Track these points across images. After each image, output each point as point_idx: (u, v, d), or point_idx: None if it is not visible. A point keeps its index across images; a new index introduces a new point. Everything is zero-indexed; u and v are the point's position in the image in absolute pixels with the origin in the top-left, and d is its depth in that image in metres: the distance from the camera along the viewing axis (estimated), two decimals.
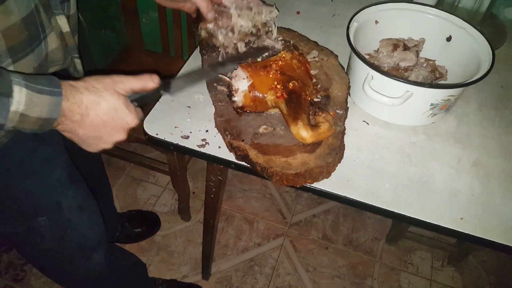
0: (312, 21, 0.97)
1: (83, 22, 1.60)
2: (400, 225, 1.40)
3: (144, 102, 0.60)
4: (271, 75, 0.68)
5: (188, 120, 0.73)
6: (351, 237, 1.48)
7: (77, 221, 0.80)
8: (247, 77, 0.69)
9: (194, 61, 0.85)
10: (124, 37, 1.56)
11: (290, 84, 0.67)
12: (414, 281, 1.39)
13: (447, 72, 0.80)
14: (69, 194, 0.76)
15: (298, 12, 0.99)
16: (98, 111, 0.52)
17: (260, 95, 0.67)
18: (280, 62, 0.71)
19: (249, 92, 0.67)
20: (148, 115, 0.74)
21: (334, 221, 1.52)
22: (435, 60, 0.82)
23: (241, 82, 0.68)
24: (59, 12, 0.63)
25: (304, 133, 0.61)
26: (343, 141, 0.67)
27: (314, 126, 0.63)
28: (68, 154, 0.76)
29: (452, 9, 0.91)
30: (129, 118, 0.55)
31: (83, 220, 0.82)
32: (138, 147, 1.64)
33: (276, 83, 0.67)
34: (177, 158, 1.18)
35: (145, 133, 0.71)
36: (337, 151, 0.63)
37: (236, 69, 0.69)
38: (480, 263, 1.44)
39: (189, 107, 0.75)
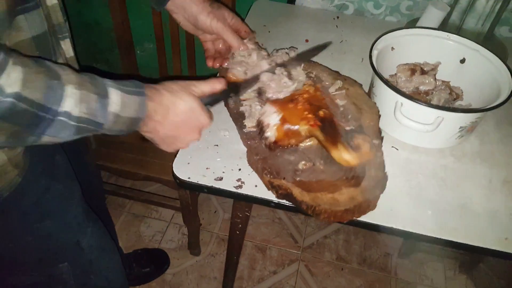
0: None
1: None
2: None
3: (214, 104, 0.64)
4: (300, 106, 0.68)
5: (218, 160, 0.71)
6: (364, 255, 1.48)
7: (99, 263, 0.77)
8: (276, 111, 0.68)
9: None
10: (119, 70, 1.52)
11: (321, 112, 0.67)
12: None
13: (462, 92, 0.83)
14: (87, 232, 0.73)
15: (306, 40, 1.00)
16: (177, 111, 0.55)
17: (293, 126, 0.66)
18: (305, 95, 0.71)
19: (282, 125, 0.66)
20: (175, 158, 0.71)
21: (346, 240, 1.52)
22: (449, 81, 0.84)
23: (271, 117, 0.68)
24: (64, 37, 0.63)
25: (347, 156, 0.61)
26: (385, 171, 0.67)
27: (355, 148, 0.62)
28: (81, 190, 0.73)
29: (457, 30, 0.95)
30: (203, 118, 0.58)
31: (105, 262, 0.79)
32: (136, 182, 1.58)
33: (306, 112, 0.67)
34: (190, 193, 1.14)
35: (176, 177, 0.68)
36: (382, 183, 0.63)
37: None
38: (489, 268, 1.47)
39: (217, 145, 0.73)
